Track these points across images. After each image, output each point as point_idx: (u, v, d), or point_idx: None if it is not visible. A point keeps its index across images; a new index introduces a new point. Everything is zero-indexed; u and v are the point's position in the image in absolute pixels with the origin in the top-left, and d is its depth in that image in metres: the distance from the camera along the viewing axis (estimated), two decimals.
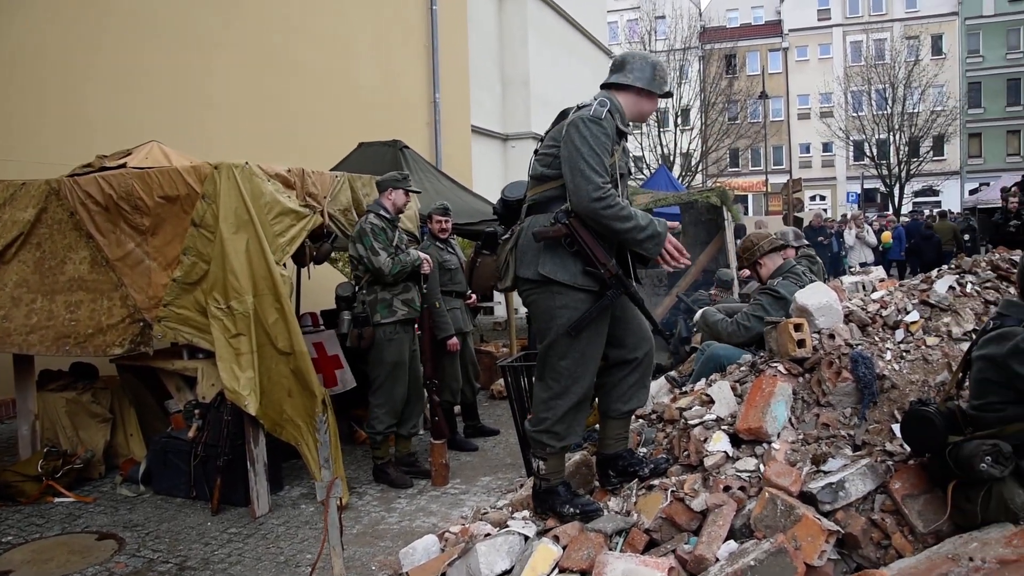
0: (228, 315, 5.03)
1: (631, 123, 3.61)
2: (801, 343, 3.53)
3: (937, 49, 45.93)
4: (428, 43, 14.67)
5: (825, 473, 3.10)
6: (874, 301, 3.84)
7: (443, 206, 6.61)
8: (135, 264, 5.37)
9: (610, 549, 3.14)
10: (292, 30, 11.20)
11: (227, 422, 5.23)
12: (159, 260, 5.32)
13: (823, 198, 48.40)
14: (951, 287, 3.81)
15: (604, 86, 3.61)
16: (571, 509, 3.45)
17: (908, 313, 3.71)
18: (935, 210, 32.63)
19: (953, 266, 4.10)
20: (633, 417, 4.32)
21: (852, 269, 14.50)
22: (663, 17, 37.87)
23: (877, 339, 3.61)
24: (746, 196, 43.69)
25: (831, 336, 3.53)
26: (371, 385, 5.78)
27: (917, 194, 42.16)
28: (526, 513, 3.67)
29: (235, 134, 9.78)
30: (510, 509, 3.91)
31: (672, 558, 2.95)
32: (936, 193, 44.54)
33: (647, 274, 11.79)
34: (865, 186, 39.77)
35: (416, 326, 5.95)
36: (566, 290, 3.35)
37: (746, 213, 32.57)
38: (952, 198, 42.90)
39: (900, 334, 3.64)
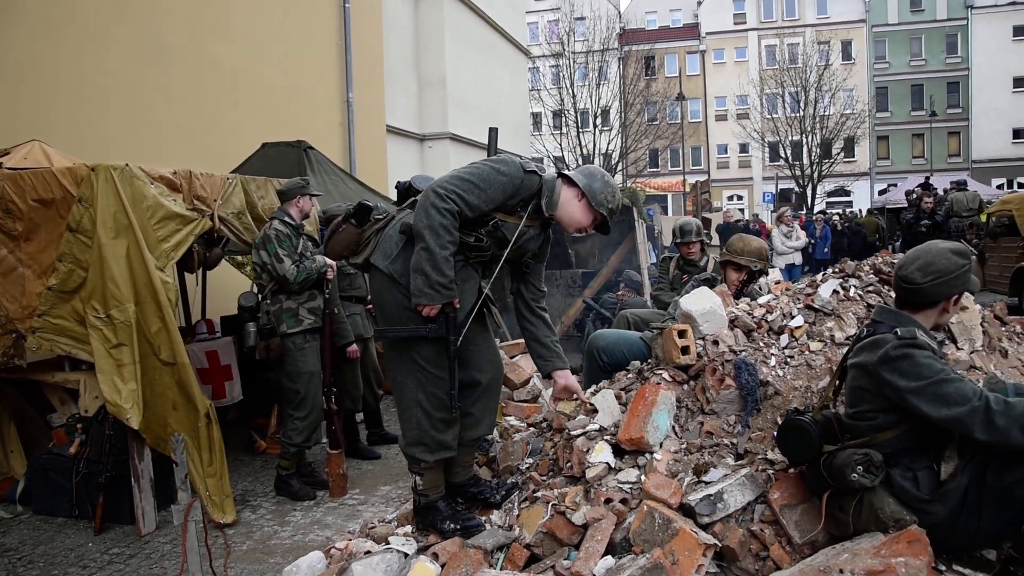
0: (108, 324, 4.78)
1: (555, 219, 3.49)
2: (685, 350, 3.49)
3: (847, 54, 47.50)
4: (341, 41, 14.39)
5: (706, 484, 3.05)
6: (760, 306, 3.83)
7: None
8: (7, 272, 5.08)
9: (491, 566, 3.05)
10: (197, 25, 10.81)
11: (109, 437, 5.00)
12: (33, 267, 5.03)
13: (740, 198, 49.52)
14: (835, 291, 3.81)
15: (562, 174, 3.53)
16: (452, 525, 3.37)
17: (793, 318, 3.70)
18: (847, 210, 33.91)
19: (837, 270, 4.12)
20: (525, 425, 4.26)
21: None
22: (583, 18, 38.22)
23: (762, 345, 3.59)
24: (665, 196, 44.33)
25: (715, 342, 3.49)
26: (288, 397, 5.59)
27: (830, 194, 43.53)
28: (409, 529, 3.56)
29: (134, 134, 9.38)
30: (396, 524, 3.79)
31: (551, 575, 2.87)
32: (848, 193, 46.04)
33: (560, 275, 11.79)
34: (780, 186, 40.73)
35: None
36: (407, 298, 3.27)
37: (665, 212, 32.96)
38: (862, 198, 44.48)
39: (784, 339, 3.62)
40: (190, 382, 4.89)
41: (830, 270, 4.21)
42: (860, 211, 33.47)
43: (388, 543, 3.38)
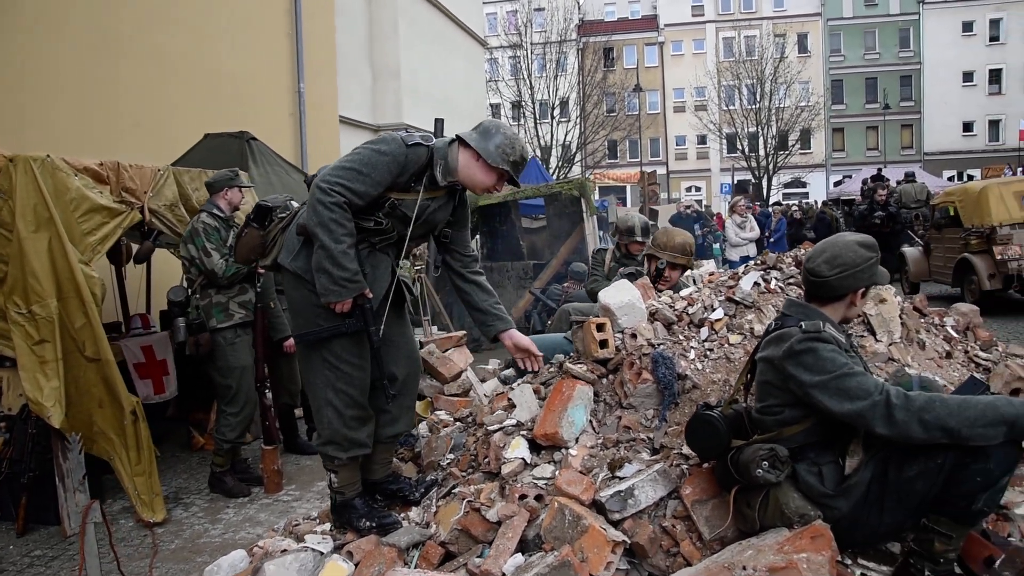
0: (30, 320, 4.66)
1: (460, 184, 3.39)
2: (604, 343, 3.47)
3: (803, 47, 48.17)
4: (292, 31, 14.19)
5: (620, 479, 3.04)
6: (682, 299, 3.82)
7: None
8: None
9: (405, 563, 3.02)
10: (144, 14, 10.56)
11: (33, 435, 4.88)
12: None
13: (698, 189, 49.98)
14: (756, 283, 3.82)
15: (457, 137, 3.41)
16: (367, 523, 3.33)
17: (714, 311, 3.70)
18: (803, 200, 34.40)
19: (759, 262, 4.13)
20: (452, 419, 4.23)
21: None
22: (541, 9, 38.16)
23: (682, 338, 3.58)
24: (624, 187, 44.55)
25: (633, 336, 3.48)
26: (220, 393, 5.51)
27: (786, 185, 44.06)
28: (327, 527, 3.51)
29: (80, 124, 9.14)
30: (318, 522, 3.74)
31: (464, 573, 2.84)
32: (804, 185, 46.63)
33: (511, 267, 11.79)
34: (737, 178, 41.13)
35: None
36: (316, 295, 3.19)
37: (623, 204, 33.10)
38: (818, 189, 45.11)
39: (705, 332, 3.62)
40: (115, 379, 4.78)
41: (751, 262, 4.22)
42: (816, 202, 34.17)
43: (305, 541, 3.34)
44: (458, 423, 4.10)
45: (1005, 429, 2.41)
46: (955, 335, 4.23)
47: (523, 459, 3.24)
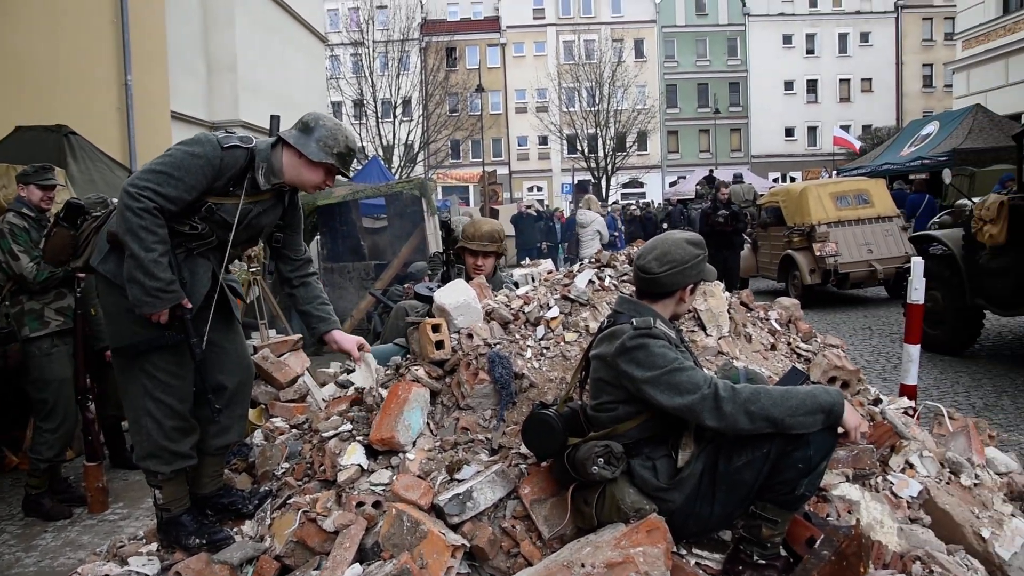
0: None
1: (287, 185, 3.25)
2: (440, 344, 3.43)
3: (639, 52, 50.00)
4: (117, 19, 13.37)
5: (459, 482, 3.00)
6: (518, 297, 3.83)
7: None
8: None
9: None
10: None
11: None
12: None
13: (540, 189, 50.89)
14: (591, 281, 3.87)
15: (279, 137, 3.24)
16: (196, 540, 3.14)
17: (550, 309, 3.72)
18: (640, 200, 35.70)
19: (593, 260, 4.20)
20: (287, 427, 4.08)
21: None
22: (384, 7, 37.76)
23: (518, 337, 3.58)
24: (467, 187, 44.79)
25: (470, 336, 3.45)
26: (35, 408, 5.08)
27: (624, 185, 45.56)
28: (154, 547, 3.30)
29: None
30: (145, 541, 3.51)
31: None
32: (641, 185, 48.36)
33: (353, 267, 11.58)
34: (578, 178, 42.16)
35: None
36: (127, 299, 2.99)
37: (466, 203, 33.25)
38: (655, 189, 46.97)
39: (541, 331, 3.64)
40: None
41: (587, 260, 4.29)
42: (652, 202, 35.73)
43: (129, 564, 3.13)
44: (294, 430, 3.95)
45: (823, 416, 2.53)
46: (779, 328, 4.44)
47: (360, 465, 3.14)
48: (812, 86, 51.87)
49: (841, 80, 51.77)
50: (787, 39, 51.58)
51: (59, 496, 5.21)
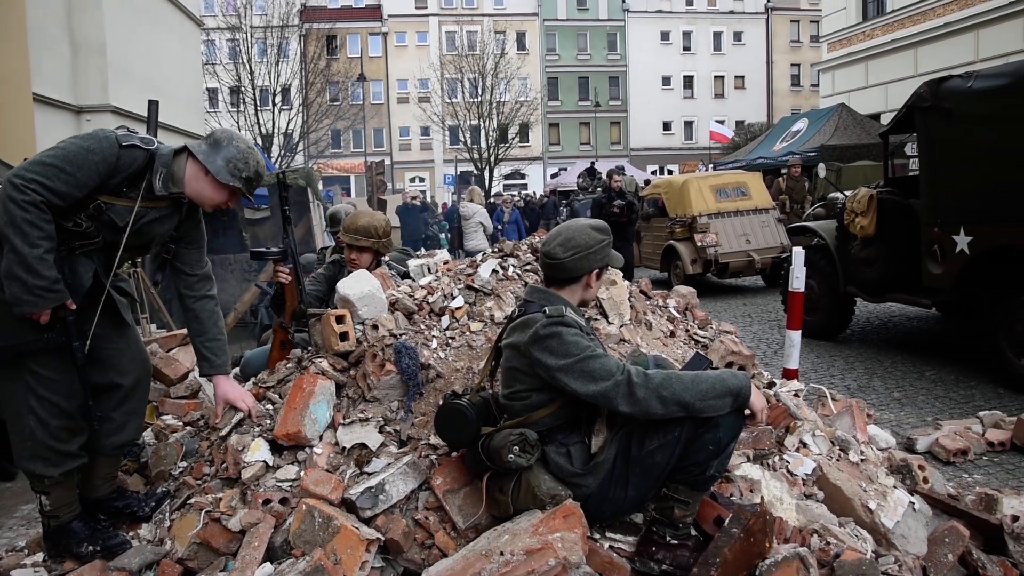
0: None
1: (186, 197, 3.11)
2: (344, 336, 3.35)
3: (521, 45, 50.41)
4: None
5: (369, 475, 2.95)
6: (422, 287, 3.78)
7: None
8: None
9: None
10: None
11: None
12: None
13: (422, 180, 50.69)
14: (494, 271, 3.86)
15: (185, 147, 3.09)
16: (90, 547, 2.98)
17: (454, 299, 3.69)
18: (522, 192, 36.01)
19: (496, 249, 4.19)
20: (182, 424, 3.91)
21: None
22: None
23: (423, 327, 3.53)
24: (348, 177, 44.17)
25: (375, 327, 3.39)
26: None
27: (507, 177, 45.83)
28: (39, 557, 3.11)
29: None
30: (27, 552, 3.30)
31: None
32: (523, 176, 48.75)
33: (235, 259, 11.21)
34: (460, 169, 42.15)
35: None
36: (4, 301, 2.80)
37: (348, 194, 32.73)
38: (536, 181, 47.44)
39: (446, 321, 3.61)
40: None
41: (489, 250, 4.28)
42: (534, 193, 36.14)
43: None
44: (188, 427, 3.79)
45: (732, 399, 2.61)
46: (677, 315, 4.55)
47: (264, 461, 3.03)
48: (689, 82, 53.57)
49: (716, 77, 53.71)
50: (665, 35, 53.10)
51: None
